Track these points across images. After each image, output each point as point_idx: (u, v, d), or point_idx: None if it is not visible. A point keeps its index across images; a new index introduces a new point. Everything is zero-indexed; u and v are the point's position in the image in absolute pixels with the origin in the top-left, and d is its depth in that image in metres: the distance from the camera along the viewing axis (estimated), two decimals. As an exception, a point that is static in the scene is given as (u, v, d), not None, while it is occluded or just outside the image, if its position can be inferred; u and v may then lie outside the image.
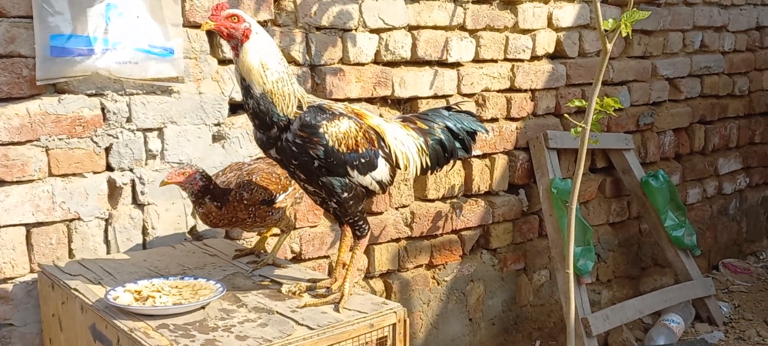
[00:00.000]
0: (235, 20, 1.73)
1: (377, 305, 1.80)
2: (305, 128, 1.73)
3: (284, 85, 1.75)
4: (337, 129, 1.76)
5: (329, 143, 1.74)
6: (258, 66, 1.72)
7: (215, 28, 1.73)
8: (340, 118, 1.79)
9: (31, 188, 2.20)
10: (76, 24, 2.19)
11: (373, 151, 1.82)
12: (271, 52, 1.75)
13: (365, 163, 1.80)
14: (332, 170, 1.77)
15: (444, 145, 2.03)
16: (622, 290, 3.90)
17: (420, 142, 1.98)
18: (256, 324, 1.68)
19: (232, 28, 1.73)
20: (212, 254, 2.26)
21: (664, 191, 3.58)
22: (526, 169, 3.38)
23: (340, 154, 1.76)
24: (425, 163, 1.99)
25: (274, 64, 1.74)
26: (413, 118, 2.05)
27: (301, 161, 1.76)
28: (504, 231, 3.35)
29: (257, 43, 1.74)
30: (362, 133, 1.82)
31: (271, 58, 1.74)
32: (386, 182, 1.89)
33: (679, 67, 3.99)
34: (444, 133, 2.04)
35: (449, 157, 2.06)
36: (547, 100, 3.44)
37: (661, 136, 3.97)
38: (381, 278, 2.99)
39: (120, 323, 1.67)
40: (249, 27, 1.73)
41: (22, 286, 2.21)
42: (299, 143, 1.73)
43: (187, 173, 2.01)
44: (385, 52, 2.87)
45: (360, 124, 1.83)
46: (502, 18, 3.21)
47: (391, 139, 1.90)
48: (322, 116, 1.76)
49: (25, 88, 2.17)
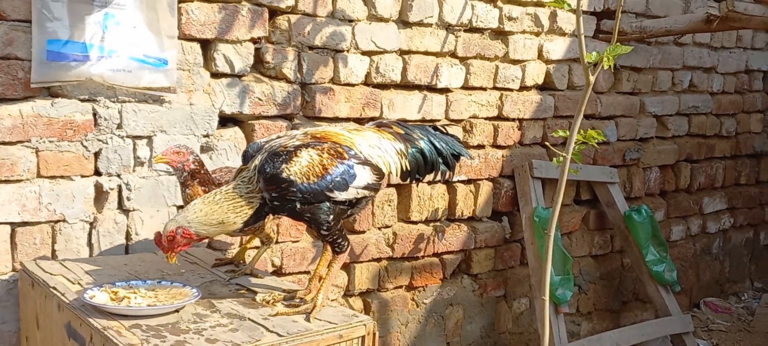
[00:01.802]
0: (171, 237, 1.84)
1: (347, 316, 1.84)
2: (271, 182, 1.80)
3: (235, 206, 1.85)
4: (299, 165, 1.81)
5: (298, 181, 1.80)
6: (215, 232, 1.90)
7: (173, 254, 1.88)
8: (298, 152, 1.83)
9: (18, 188, 2.25)
10: (74, 30, 2.26)
11: (345, 164, 1.87)
12: (210, 214, 1.85)
13: (341, 180, 1.85)
14: (313, 202, 1.83)
15: (425, 155, 2.05)
16: (602, 322, 3.93)
17: (398, 146, 2.01)
18: (227, 329, 1.72)
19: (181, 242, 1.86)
20: (192, 262, 2.30)
21: (646, 226, 3.63)
22: (510, 196, 3.43)
23: (313, 186, 1.81)
24: (405, 166, 2.02)
25: (217, 216, 1.85)
26: (390, 123, 2.08)
27: (287, 209, 1.85)
28: (486, 257, 3.39)
29: None
30: (326, 154, 1.85)
31: (214, 218, 1.85)
32: (374, 182, 1.92)
33: (668, 105, 4.06)
34: (426, 144, 2.06)
35: (430, 168, 2.09)
36: (535, 130, 3.50)
37: (647, 172, 4.03)
38: (360, 297, 3.03)
39: (94, 321, 1.71)
40: (184, 229, 1.84)
41: (3, 284, 2.25)
42: (276, 196, 1.81)
43: (182, 152, 2.09)
44: (376, 74, 2.93)
45: (321, 147, 1.86)
46: (493, 47, 3.28)
47: (363, 147, 1.94)
48: (280, 161, 1.81)
49: (19, 90, 2.22)
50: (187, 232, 1.80)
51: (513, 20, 3.29)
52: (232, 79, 2.61)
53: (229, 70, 2.59)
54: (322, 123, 2.78)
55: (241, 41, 2.60)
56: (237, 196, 1.82)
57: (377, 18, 2.89)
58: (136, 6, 2.36)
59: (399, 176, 2.02)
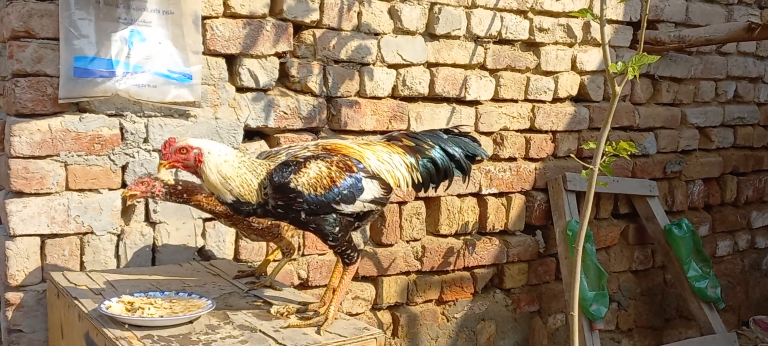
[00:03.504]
0: (185, 152, 1.82)
1: (358, 329, 1.83)
2: (279, 190, 1.80)
3: (244, 180, 1.82)
4: (307, 177, 1.81)
5: (305, 192, 1.81)
6: (218, 181, 1.81)
7: (170, 166, 1.84)
8: (307, 163, 1.84)
9: (48, 201, 2.31)
10: (100, 47, 2.32)
11: (353, 177, 1.86)
12: (226, 160, 1.82)
13: (348, 193, 1.85)
14: (318, 213, 1.83)
15: (437, 163, 2.03)
16: (644, 340, 3.81)
17: (409, 160, 1.99)
18: (237, 341, 1.73)
19: (184, 159, 1.82)
20: (215, 274, 2.32)
21: (687, 241, 3.51)
22: (543, 210, 3.36)
23: (320, 197, 1.82)
24: (417, 179, 2.00)
25: (231, 171, 1.82)
26: (399, 136, 2.07)
27: (290, 218, 1.85)
28: (519, 271, 3.33)
29: (211, 162, 1.81)
30: (335, 167, 1.86)
31: (227, 166, 1.82)
32: (380, 196, 1.91)
33: (711, 116, 3.93)
34: (438, 152, 2.04)
35: (444, 176, 2.06)
36: (569, 143, 3.43)
37: (690, 185, 3.90)
38: (389, 310, 3.01)
39: (108, 331, 1.74)
40: (200, 151, 1.82)
41: (33, 294, 2.32)
42: (281, 205, 1.82)
43: (146, 182, 2.10)
44: (402, 87, 2.92)
45: (330, 160, 1.87)
46: (524, 59, 3.23)
47: (371, 161, 1.93)
48: (289, 171, 1.81)
49: (48, 105, 2.29)
50: (189, 147, 1.79)
51: (544, 31, 3.24)
52: (258, 94, 2.63)
53: (254, 85, 2.62)
54: (349, 136, 2.78)
55: (266, 56, 2.63)
56: (256, 166, 1.83)
57: (403, 31, 2.89)
58: (161, 22, 2.41)
59: (411, 188, 2.00)
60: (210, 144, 1.85)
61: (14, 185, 2.26)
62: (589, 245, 3.23)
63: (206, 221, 2.58)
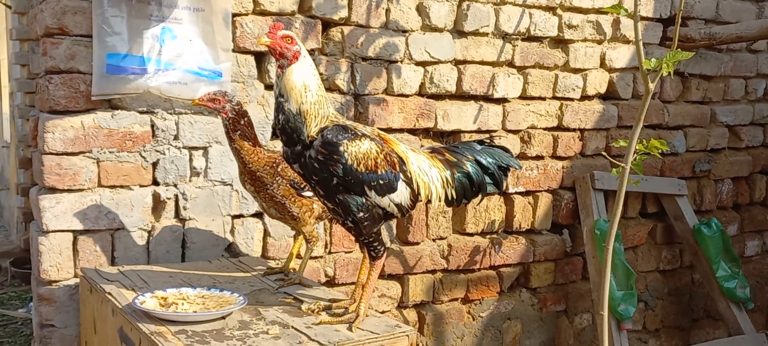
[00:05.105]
0: (289, 42, 1.82)
1: (390, 327, 1.82)
2: (326, 145, 1.79)
3: (320, 108, 1.81)
4: (358, 149, 1.81)
5: (348, 162, 1.79)
6: (300, 86, 1.80)
7: (270, 45, 1.82)
8: (362, 138, 1.83)
9: (80, 197, 2.34)
10: (132, 44, 2.33)
11: (393, 174, 1.86)
12: (314, 76, 1.84)
13: (383, 184, 1.84)
14: (350, 189, 1.81)
15: (472, 178, 2.03)
16: (671, 340, 3.77)
17: (445, 175, 1.99)
18: (270, 336, 1.73)
19: (285, 48, 1.81)
20: (244, 271, 2.33)
21: (716, 240, 3.47)
22: (571, 209, 3.34)
23: (358, 173, 1.80)
24: (450, 195, 2.00)
25: (314, 88, 1.82)
26: (442, 150, 2.07)
27: (321, 177, 1.82)
28: (545, 271, 3.31)
29: (303, 66, 1.82)
30: (383, 155, 1.85)
31: (313, 81, 1.82)
32: (406, 205, 1.91)
33: (740, 114, 3.88)
34: (473, 167, 2.05)
35: (477, 191, 2.07)
36: (597, 141, 3.40)
37: (719, 184, 3.86)
38: (414, 309, 3.00)
39: (143, 326, 1.75)
40: (299, 50, 1.83)
41: (65, 289, 2.34)
42: (320, 160, 1.79)
43: (218, 99, 2.13)
44: (430, 84, 2.91)
45: (382, 146, 1.87)
46: (553, 56, 3.21)
47: (414, 167, 1.93)
48: (344, 135, 1.81)
49: (81, 102, 2.32)
50: (294, 40, 1.80)
51: (573, 28, 3.21)
52: (286, 91, 2.63)
53: (283, 82, 2.62)
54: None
55: (295, 53, 2.63)
56: (329, 107, 1.85)
57: (431, 28, 2.88)
58: (191, 20, 2.42)
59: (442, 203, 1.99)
60: (309, 56, 1.87)
61: (47, 181, 2.29)
62: (617, 244, 3.21)
63: (235, 218, 2.59)
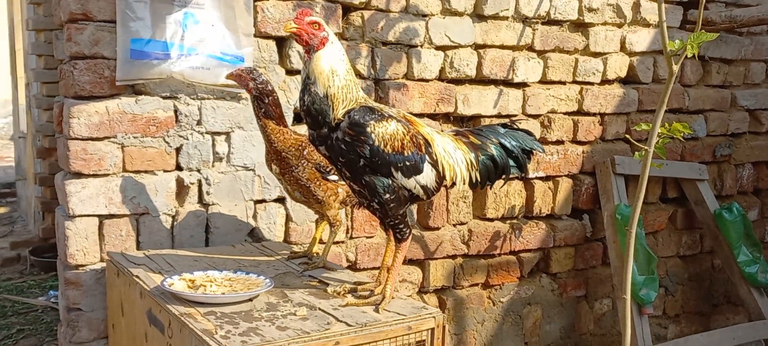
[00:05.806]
0: (316, 27, 1.82)
1: (417, 309, 1.83)
2: (353, 126, 1.79)
3: (348, 92, 1.82)
4: (384, 130, 1.81)
5: (375, 143, 1.79)
6: (328, 70, 1.80)
7: (297, 31, 1.81)
8: (389, 119, 1.84)
9: (105, 182, 2.35)
10: (155, 30, 2.34)
11: (419, 156, 1.86)
12: (342, 61, 1.84)
13: (410, 166, 1.84)
14: (376, 170, 1.82)
15: (495, 161, 2.03)
16: (691, 326, 3.76)
17: (470, 157, 1.99)
18: (298, 317, 1.74)
19: (312, 34, 1.81)
20: (268, 255, 2.35)
21: (738, 225, 3.45)
22: (591, 194, 3.33)
23: (385, 154, 1.80)
24: (474, 178, 2.00)
25: (342, 73, 1.82)
26: (467, 133, 2.07)
27: (347, 159, 1.82)
28: (565, 256, 3.31)
29: (332, 51, 1.82)
30: (409, 136, 1.85)
31: (341, 66, 1.82)
32: (431, 187, 1.91)
33: (761, 98, 3.84)
34: (497, 150, 2.05)
35: (501, 174, 2.07)
36: (617, 125, 3.38)
37: (740, 168, 3.83)
38: (435, 294, 3.01)
39: (172, 308, 1.77)
40: (327, 36, 1.82)
41: (92, 273, 2.36)
42: (347, 141, 1.80)
43: (243, 76, 2.15)
44: (450, 69, 2.91)
45: (408, 128, 1.87)
46: (573, 40, 3.19)
47: (439, 149, 1.93)
48: (371, 116, 1.81)
49: (105, 87, 2.33)
50: (321, 26, 1.80)
51: (593, 11, 3.19)
52: (307, 76, 2.64)
53: (304, 67, 2.62)
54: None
55: (316, 38, 2.63)
56: (357, 90, 1.84)
57: (451, 12, 2.87)
58: (214, 5, 2.43)
59: (466, 185, 1.99)
60: (337, 41, 1.86)
61: (73, 166, 2.31)
62: (638, 229, 3.20)
63: (257, 203, 2.60)
